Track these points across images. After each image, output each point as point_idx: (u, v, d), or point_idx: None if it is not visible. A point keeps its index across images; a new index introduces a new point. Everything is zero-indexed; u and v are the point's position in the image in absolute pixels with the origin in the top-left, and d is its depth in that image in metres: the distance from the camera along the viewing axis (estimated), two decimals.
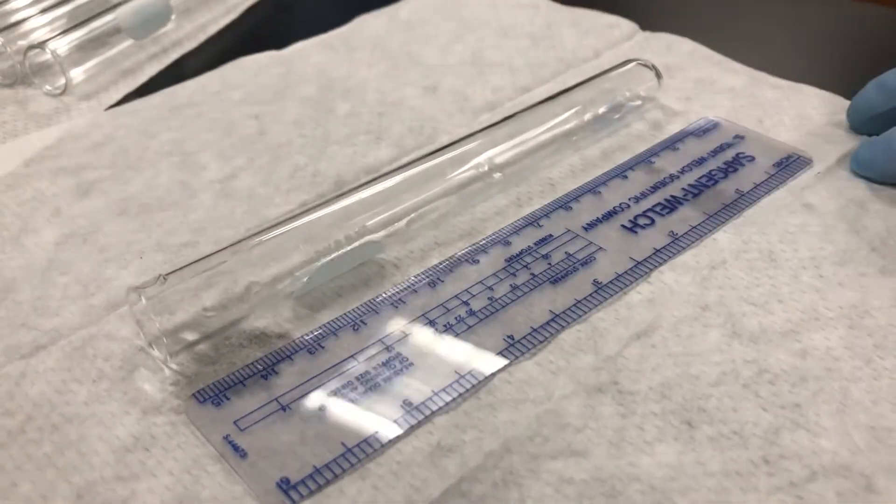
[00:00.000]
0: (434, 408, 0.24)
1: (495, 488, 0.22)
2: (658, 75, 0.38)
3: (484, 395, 0.25)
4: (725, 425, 0.24)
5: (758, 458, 0.23)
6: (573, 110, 0.36)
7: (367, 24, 0.47)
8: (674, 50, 0.43)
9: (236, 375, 0.25)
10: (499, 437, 0.23)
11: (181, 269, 0.26)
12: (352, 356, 0.26)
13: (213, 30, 0.49)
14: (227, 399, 0.24)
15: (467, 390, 0.25)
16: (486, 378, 0.25)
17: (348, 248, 0.29)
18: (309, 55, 0.44)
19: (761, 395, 0.24)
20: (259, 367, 0.25)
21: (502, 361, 0.26)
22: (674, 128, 0.37)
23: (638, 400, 0.24)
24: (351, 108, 0.40)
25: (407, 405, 0.24)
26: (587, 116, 0.36)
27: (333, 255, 0.28)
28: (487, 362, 0.25)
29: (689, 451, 0.23)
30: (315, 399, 0.24)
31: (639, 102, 0.38)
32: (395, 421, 0.24)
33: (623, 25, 0.46)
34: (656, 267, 0.29)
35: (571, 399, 0.24)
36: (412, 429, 0.24)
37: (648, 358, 0.26)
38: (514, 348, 0.26)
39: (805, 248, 0.30)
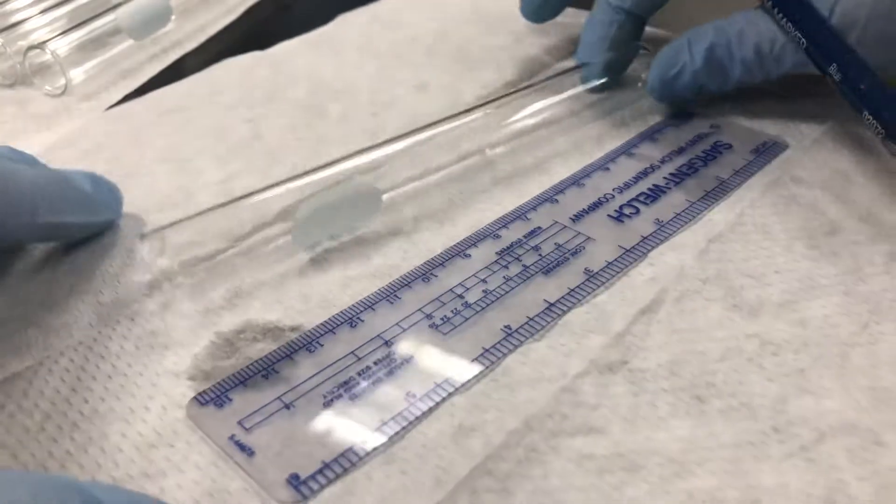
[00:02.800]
0: (437, 399, 0.24)
1: (519, 465, 0.23)
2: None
3: (501, 376, 0.25)
4: (734, 398, 0.24)
5: (768, 428, 0.23)
6: (563, 95, 0.37)
7: (348, 23, 0.48)
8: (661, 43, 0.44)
9: (236, 377, 0.25)
10: (519, 416, 0.24)
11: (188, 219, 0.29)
12: (351, 353, 0.26)
13: (213, 30, 0.48)
14: (230, 400, 0.25)
15: (468, 380, 0.25)
16: (486, 369, 0.25)
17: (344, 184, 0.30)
18: (294, 56, 0.44)
19: (766, 367, 0.25)
20: (259, 366, 0.26)
21: (502, 351, 0.26)
22: (658, 117, 0.38)
23: (648, 377, 0.25)
24: (343, 109, 0.40)
25: (411, 397, 0.24)
26: (578, 105, 0.37)
27: (329, 192, 0.30)
28: (488, 352, 0.26)
29: (702, 425, 0.24)
30: (317, 397, 0.25)
31: (639, 85, 0.38)
32: (400, 414, 0.24)
33: None
34: (645, 254, 0.30)
35: (585, 378, 0.25)
36: (422, 416, 0.24)
37: (655, 335, 0.26)
38: (512, 338, 0.26)
39: (797, 219, 0.31)
